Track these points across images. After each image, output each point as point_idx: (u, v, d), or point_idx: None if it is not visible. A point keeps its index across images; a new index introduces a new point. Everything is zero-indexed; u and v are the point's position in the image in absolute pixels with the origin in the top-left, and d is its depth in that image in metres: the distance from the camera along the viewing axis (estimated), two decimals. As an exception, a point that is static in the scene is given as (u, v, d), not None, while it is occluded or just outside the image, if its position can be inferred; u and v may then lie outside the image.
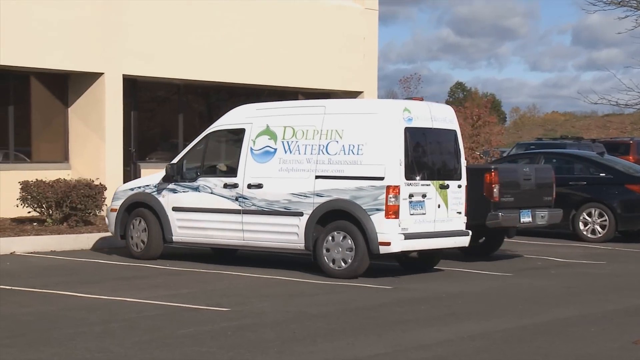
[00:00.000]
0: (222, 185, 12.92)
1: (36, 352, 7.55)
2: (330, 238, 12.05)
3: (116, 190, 14.34)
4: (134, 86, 19.15)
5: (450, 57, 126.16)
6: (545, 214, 14.40)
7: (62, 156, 18.48)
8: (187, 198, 13.27)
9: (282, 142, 12.59)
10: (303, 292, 10.95)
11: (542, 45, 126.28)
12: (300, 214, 12.25)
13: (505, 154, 25.67)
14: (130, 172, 18.68)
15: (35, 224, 15.94)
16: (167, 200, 13.44)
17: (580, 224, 17.42)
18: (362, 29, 22.24)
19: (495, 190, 13.63)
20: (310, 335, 8.37)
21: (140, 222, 13.68)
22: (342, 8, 21.87)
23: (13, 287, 10.74)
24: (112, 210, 14.06)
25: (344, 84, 21.84)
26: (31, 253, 14.10)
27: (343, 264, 12.02)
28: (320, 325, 8.84)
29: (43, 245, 14.40)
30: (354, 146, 12.06)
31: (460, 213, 12.66)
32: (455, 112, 13.26)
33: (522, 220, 13.99)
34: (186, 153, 13.58)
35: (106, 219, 14.47)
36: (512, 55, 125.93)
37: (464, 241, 12.80)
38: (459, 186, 12.71)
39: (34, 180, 15.85)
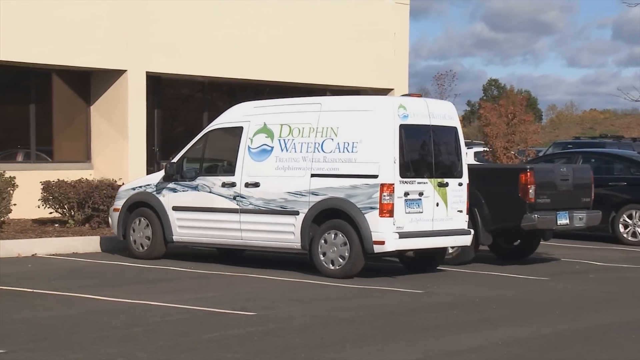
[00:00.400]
0: (221, 184, 13.14)
1: (58, 357, 7.59)
2: (325, 237, 12.24)
3: (119, 189, 14.54)
4: (157, 83, 19.25)
5: (484, 53, 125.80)
6: (583, 216, 14.30)
7: (84, 156, 18.61)
8: (186, 197, 13.46)
9: (279, 140, 12.76)
10: (332, 295, 10.95)
11: (581, 40, 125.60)
12: (297, 213, 12.43)
13: (541, 154, 25.53)
14: (153, 172, 18.75)
15: (57, 225, 16.06)
16: (168, 199, 13.64)
17: (621, 226, 17.28)
18: (393, 24, 22.19)
19: (530, 191, 13.56)
20: (339, 340, 8.36)
21: (141, 222, 13.88)
22: (372, 3, 21.85)
23: (34, 290, 10.82)
24: (114, 210, 14.30)
25: (374, 80, 21.82)
26: (53, 255, 14.21)
27: (339, 263, 12.17)
28: (349, 331, 8.82)
29: (65, 246, 14.51)
30: (348, 144, 12.20)
31: (461, 212, 12.72)
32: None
33: (558, 222, 13.90)
34: (186, 152, 13.77)
35: (109, 219, 14.64)
36: (549, 51, 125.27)
37: (466, 240, 12.87)
38: (460, 184, 12.76)
39: (56, 180, 15.97)
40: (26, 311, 9.55)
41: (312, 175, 12.40)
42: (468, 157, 25.90)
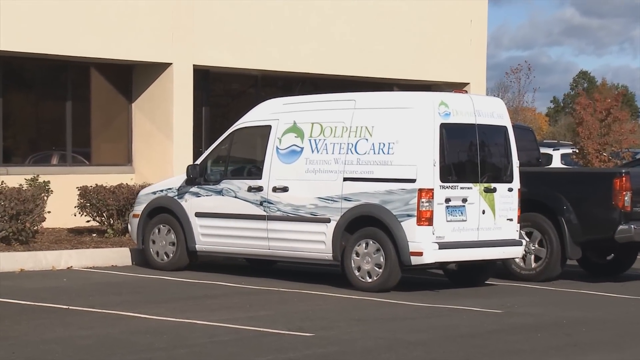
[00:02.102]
0: (247, 189, 13.29)
1: (95, 380, 7.69)
2: (358, 247, 12.37)
3: (139, 193, 14.75)
4: (205, 78, 19.39)
5: (574, 41, 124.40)
6: (686, 228, 14.04)
7: (124, 158, 18.83)
8: (210, 202, 13.66)
9: (310, 140, 12.92)
10: (399, 315, 10.95)
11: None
12: (328, 221, 12.60)
13: (638, 156, 25.14)
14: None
15: (94, 235, 16.26)
16: (190, 204, 13.85)
17: None
18: (469, 11, 22.07)
19: (626, 198, 13.38)
20: (406, 366, 8.35)
21: (161, 229, 14.10)
22: (445, -14, 21.77)
23: (70, 307, 10.97)
24: (134, 216, 14.54)
25: (447, 73, 21.72)
26: (90, 268, 14.38)
27: (372, 276, 12.27)
28: (417, 355, 8.80)
29: (103, 259, 14.69)
30: (384, 145, 12.33)
31: (511, 220, 12.74)
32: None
33: (658, 234, 13.69)
34: (210, 153, 13.97)
35: (129, 225, 14.84)
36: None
37: (516, 252, 12.92)
38: (510, 189, 12.76)
39: (94, 185, 16.15)
40: (61, 330, 9.69)
41: (345, 179, 12.55)
42: (554, 160, 25.79)
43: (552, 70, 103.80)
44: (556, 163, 25.55)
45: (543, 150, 22.29)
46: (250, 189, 13.29)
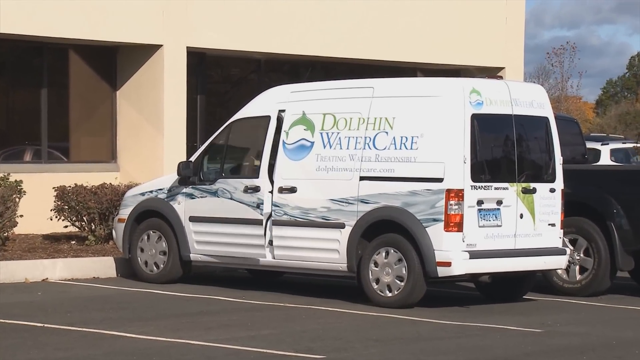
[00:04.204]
0: (243, 189, 13.38)
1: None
2: (376, 257, 12.36)
3: (124, 195, 14.78)
4: (201, 62, 19.41)
5: (628, 19, 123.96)
6: None
7: (108, 154, 18.85)
8: (205, 205, 13.72)
9: (321, 133, 12.96)
10: (423, 335, 10.94)
11: None
12: (342, 226, 12.63)
13: None
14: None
15: (73, 242, 16.27)
16: (184, 207, 13.88)
17: None
18: (504, -16, 22.06)
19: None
20: (431, 393, 8.36)
21: (150, 235, 14.10)
22: (477, -44, 21.75)
23: (45, 325, 10.97)
24: (119, 220, 14.54)
25: (479, 57, 21.68)
26: (68, 280, 14.40)
27: (393, 289, 12.28)
28: (445, 381, 8.80)
29: (84, 270, 14.70)
30: (407, 139, 12.34)
31: (553, 225, 12.74)
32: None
33: None
34: (206, 148, 13.99)
35: (113, 231, 14.86)
36: None
37: (558, 262, 12.92)
38: (552, 190, 12.76)
39: (73, 185, 16.17)
40: (35, 352, 9.67)
41: (362, 178, 12.58)
42: (602, 156, 25.71)
43: (602, 52, 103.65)
44: (605, 160, 25.49)
45: (589, 144, 22.23)
46: (246, 190, 13.33)
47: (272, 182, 13.23)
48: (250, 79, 20.85)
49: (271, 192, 13.20)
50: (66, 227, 16.44)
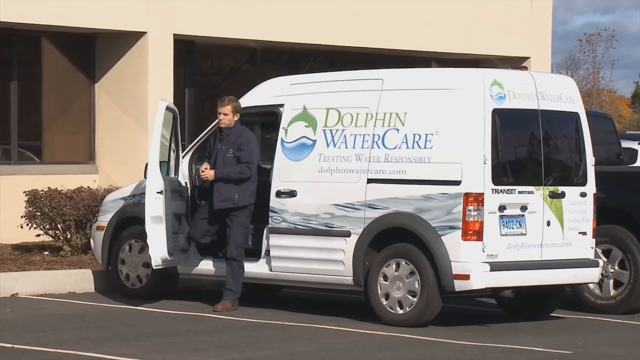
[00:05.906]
0: None
1: None
2: (386, 269, 12.40)
3: (104, 199, 14.84)
4: (190, 51, 19.45)
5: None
6: None
7: (85, 154, 18.87)
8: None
9: (324, 130, 13.01)
10: (438, 357, 10.95)
11: None
12: (347, 234, 12.67)
13: None
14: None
15: (47, 252, 16.30)
16: None
17: None
18: (529, -36, 22.11)
19: None
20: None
21: (132, 246, 14.12)
22: None
23: (15, 345, 10.96)
24: (98, 228, 14.57)
25: (500, 46, 21.73)
26: (41, 295, 14.42)
27: (405, 306, 12.29)
28: (463, 409, 8.80)
29: (58, 284, 14.71)
30: (420, 137, 12.38)
31: (584, 234, 12.80)
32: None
33: None
34: (195, 147, 14.08)
35: (91, 241, 14.88)
36: None
37: (590, 275, 12.95)
38: (583, 194, 12.80)
39: (46, 189, 16.20)
40: (2, 375, 9.73)
41: (369, 181, 12.62)
42: (636, 156, 25.67)
43: (639, 40, 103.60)
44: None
45: (625, 143, 22.23)
46: None
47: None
48: (245, 70, 20.89)
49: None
50: (38, 235, 16.49)
